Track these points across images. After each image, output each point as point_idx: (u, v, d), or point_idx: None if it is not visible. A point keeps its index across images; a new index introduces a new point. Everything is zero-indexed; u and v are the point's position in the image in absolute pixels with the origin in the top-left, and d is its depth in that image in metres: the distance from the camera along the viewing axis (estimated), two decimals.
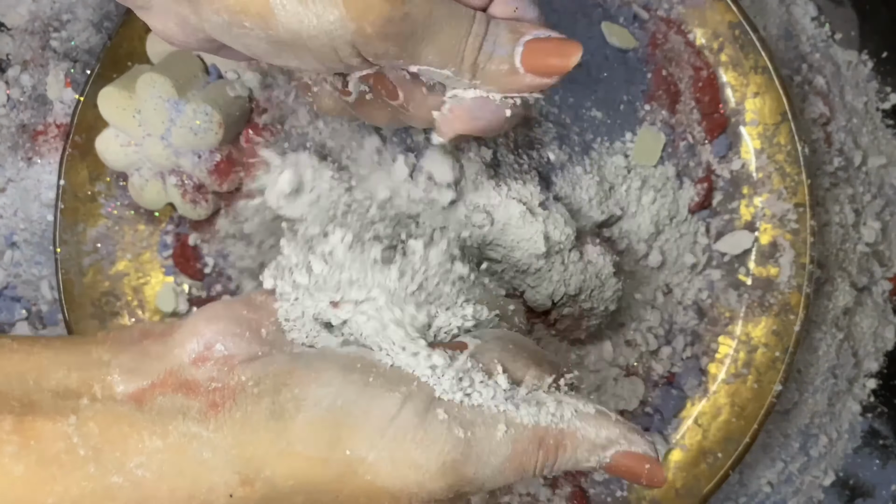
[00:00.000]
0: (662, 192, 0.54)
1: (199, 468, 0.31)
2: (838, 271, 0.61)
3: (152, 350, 0.34)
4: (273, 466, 0.31)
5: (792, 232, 0.54)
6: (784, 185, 0.54)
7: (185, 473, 0.31)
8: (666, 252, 0.55)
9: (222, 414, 0.31)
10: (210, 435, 0.31)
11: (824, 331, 0.61)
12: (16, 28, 0.61)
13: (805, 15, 0.62)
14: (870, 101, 0.63)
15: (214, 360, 0.33)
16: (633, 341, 0.55)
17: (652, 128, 0.55)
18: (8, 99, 0.60)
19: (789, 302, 0.54)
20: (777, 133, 0.54)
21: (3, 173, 0.60)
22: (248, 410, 0.31)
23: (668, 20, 0.55)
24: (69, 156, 0.54)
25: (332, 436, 0.31)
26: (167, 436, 0.31)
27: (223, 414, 0.31)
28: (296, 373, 0.32)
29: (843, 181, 0.61)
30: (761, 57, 0.53)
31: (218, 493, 0.31)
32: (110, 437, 0.31)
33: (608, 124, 0.54)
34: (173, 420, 0.31)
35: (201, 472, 0.31)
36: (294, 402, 0.31)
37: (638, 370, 0.55)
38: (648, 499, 0.55)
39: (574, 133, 0.53)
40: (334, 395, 0.32)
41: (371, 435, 0.31)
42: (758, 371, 0.54)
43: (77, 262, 0.55)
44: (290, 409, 0.31)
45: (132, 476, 0.31)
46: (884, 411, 0.63)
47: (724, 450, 0.54)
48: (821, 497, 0.62)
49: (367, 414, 0.31)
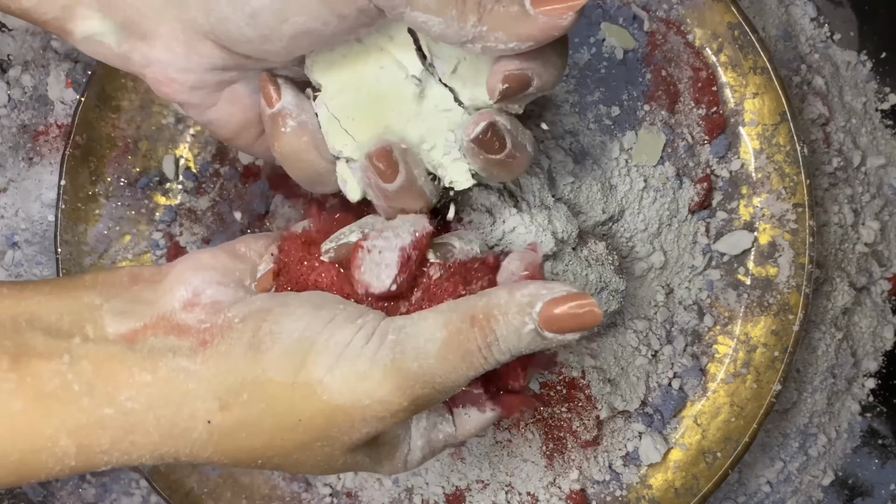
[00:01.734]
0: (662, 192, 0.54)
1: (183, 398, 0.33)
2: (837, 271, 0.61)
3: (143, 296, 0.36)
4: (249, 391, 0.34)
5: (791, 232, 0.54)
6: (783, 186, 0.55)
7: (171, 402, 0.33)
8: (666, 252, 0.55)
9: (210, 349, 0.34)
10: (197, 367, 0.34)
11: (823, 331, 0.61)
12: (17, 29, 0.61)
13: (804, 15, 0.62)
14: (869, 102, 0.63)
15: (202, 305, 0.35)
16: (634, 341, 0.55)
17: (652, 128, 0.55)
18: (9, 99, 0.60)
19: (788, 302, 0.54)
20: (776, 133, 0.54)
21: (5, 173, 0.61)
22: (233, 343, 0.34)
23: (668, 21, 0.55)
24: (70, 156, 0.54)
25: (299, 362, 0.34)
26: (157, 370, 0.34)
27: (211, 349, 0.34)
28: (274, 310, 0.35)
29: (841, 181, 0.61)
30: (760, 57, 0.54)
31: (198, 418, 0.34)
32: (102, 374, 0.33)
33: (608, 124, 0.54)
34: (163, 357, 0.34)
35: (185, 400, 0.33)
36: (270, 335, 0.34)
37: (638, 370, 0.55)
38: (648, 498, 0.55)
39: (574, 133, 0.53)
40: (304, 327, 0.34)
41: (328, 358, 0.34)
42: (757, 371, 0.55)
43: (78, 262, 0.55)
44: (266, 340, 0.34)
45: (122, 407, 0.33)
46: (883, 411, 0.63)
47: (724, 449, 0.54)
48: (820, 496, 0.62)
49: (328, 342, 0.34)
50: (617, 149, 0.54)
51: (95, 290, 0.36)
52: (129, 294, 0.36)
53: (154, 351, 0.34)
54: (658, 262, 0.55)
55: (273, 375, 0.34)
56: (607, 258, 0.51)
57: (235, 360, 0.34)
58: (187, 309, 0.35)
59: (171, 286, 0.36)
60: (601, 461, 0.55)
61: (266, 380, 0.34)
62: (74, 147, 0.54)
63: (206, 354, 0.34)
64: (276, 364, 0.34)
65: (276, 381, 0.34)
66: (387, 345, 0.34)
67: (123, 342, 0.34)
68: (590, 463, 0.55)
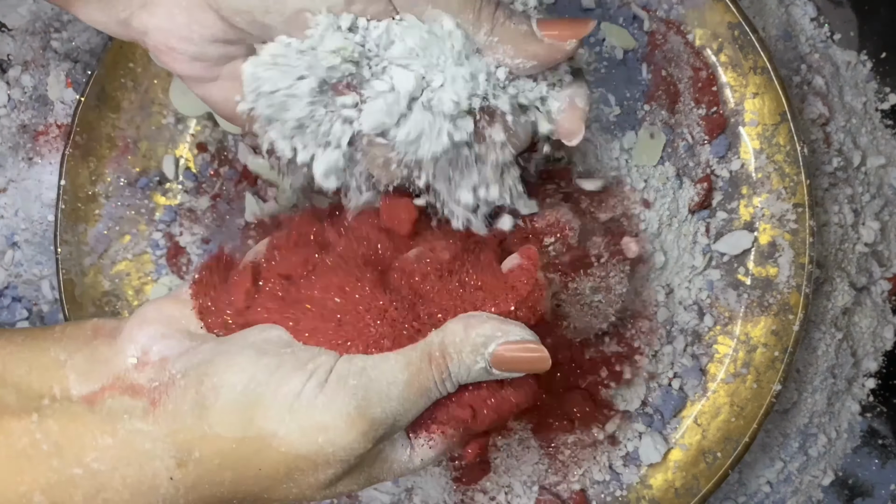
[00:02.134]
0: (662, 192, 0.55)
1: (143, 458, 0.35)
2: (837, 271, 0.61)
3: (101, 353, 0.37)
4: (200, 448, 0.34)
5: (791, 232, 0.54)
6: (783, 186, 0.55)
7: (133, 463, 0.34)
8: (666, 252, 0.55)
9: (159, 408, 0.35)
10: (150, 428, 0.35)
11: (823, 331, 0.61)
12: (17, 29, 0.61)
13: (804, 15, 0.62)
14: (869, 102, 0.63)
15: (152, 364, 0.36)
16: (634, 340, 0.55)
17: (652, 128, 0.55)
18: (9, 99, 0.60)
19: (788, 302, 0.54)
20: (776, 133, 0.54)
21: (5, 173, 0.61)
22: (178, 402, 0.35)
23: (668, 21, 0.55)
24: (70, 156, 0.54)
25: (246, 416, 0.34)
26: (116, 433, 0.35)
27: (159, 408, 0.35)
28: (215, 362, 0.35)
29: (842, 181, 0.61)
30: (760, 57, 0.54)
31: (161, 476, 0.35)
32: (68, 435, 0.35)
33: (608, 125, 0.54)
34: (120, 420, 0.35)
35: (145, 460, 0.35)
36: (213, 390, 0.34)
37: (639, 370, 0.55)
38: (648, 498, 0.55)
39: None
40: (248, 379, 0.34)
41: (279, 411, 0.34)
42: (757, 371, 0.55)
43: (78, 262, 0.55)
44: (210, 396, 0.34)
45: (90, 468, 0.34)
46: (883, 411, 0.63)
47: (724, 449, 0.54)
48: (820, 496, 0.62)
49: (276, 392, 0.34)
50: (617, 149, 0.54)
51: (62, 343, 0.37)
52: (89, 349, 0.37)
53: (112, 413, 0.35)
54: (658, 262, 0.55)
55: (221, 431, 0.34)
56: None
57: (183, 418, 0.34)
58: (139, 368, 0.36)
59: (122, 345, 0.37)
60: (601, 461, 0.55)
61: (214, 436, 0.34)
62: (74, 147, 0.54)
63: (156, 414, 0.35)
64: (223, 420, 0.34)
65: (225, 436, 0.34)
66: (348, 391, 0.34)
67: (85, 404, 0.35)
68: (590, 463, 0.55)
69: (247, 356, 0.35)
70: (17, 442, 0.34)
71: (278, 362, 0.35)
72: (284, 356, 0.35)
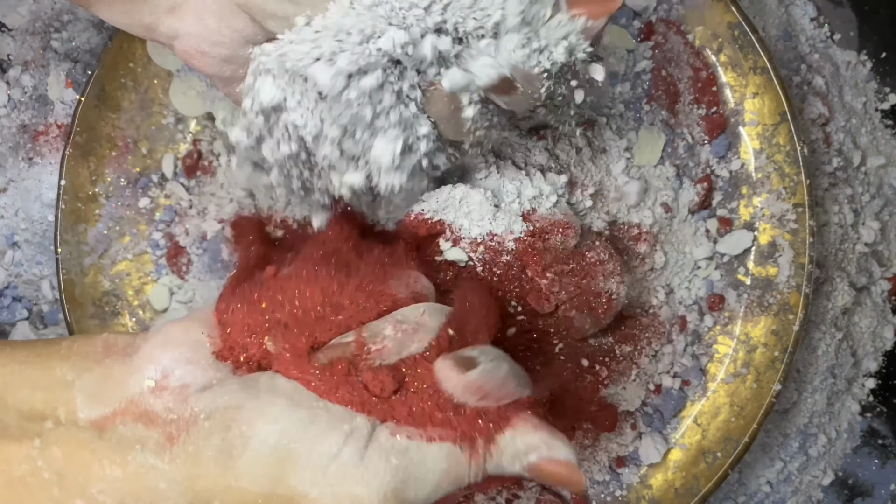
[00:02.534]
0: (663, 192, 0.54)
1: (154, 496, 0.32)
2: (837, 271, 0.61)
3: (114, 373, 0.34)
4: (221, 499, 0.32)
5: (791, 232, 0.54)
6: (783, 186, 0.55)
7: (142, 500, 0.32)
8: (666, 252, 0.55)
9: (177, 447, 0.32)
10: (165, 467, 0.32)
11: (823, 330, 0.61)
12: (17, 29, 0.61)
13: (804, 15, 0.62)
14: (869, 102, 0.63)
15: (171, 389, 0.34)
16: (634, 340, 0.55)
17: (652, 128, 0.55)
18: (9, 99, 0.60)
19: (788, 302, 0.54)
20: (776, 133, 0.54)
21: (5, 173, 0.61)
22: (200, 445, 0.32)
23: (668, 21, 0.55)
24: (70, 156, 0.54)
25: (276, 473, 0.32)
26: (126, 465, 0.32)
27: (178, 447, 0.32)
28: (244, 408, 0.33)
29: (841, 181, 0.61)
30: (760, 57, 0.54)
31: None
32: (73, 463, 0.32)
33: (608, 125, 0.54)
34: (132, 450, 0.32)
35: (156, 500, 0.32)
36: (242, 439, 0.32)
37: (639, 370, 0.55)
38: (648, 498, 0.55)
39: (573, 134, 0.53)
40: (280, 432, 0.33)
41: (313, 472, 0.32)
42: (757, 371, 0.55)
43: (78, 262, 0.55)
44: (237, 446, 0.32)
45: (94, 500, 0.32)
46: (883, 411, 0.63)
47: (724, 449, 0.54)
48: (820, 496, 0.62)
49: (311, 451, 0.32)
50: (617, 149, 0.54)
51: (69, 361, 0.34)
52: (100, 369, 0.34)
53: (123, 441, 0.33)
54: (658, 262, 0.55)
55: (247, 485, 0.32)
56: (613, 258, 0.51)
57: (206, 464, 0.32)
58: (156, 393, 0.34)
59: (140, 365, 0.34)
60: (601, 461, 0.55)
61: (240, 489, 0.32)
62: (74, 147, 0.54)
63: (174, 453, 0.32)
64: (250, 473, 0.32)
65: (251, 491, 0.32)
66: (389, 470, 0.33)
67: (94, 429, 0.33)
68: (590, 463, 0.55)
69: (279, 407, 0.33)
70: (16, 469, 0.32)
71: (312, 417, 0.33)
72: (318, 411, 0.33)
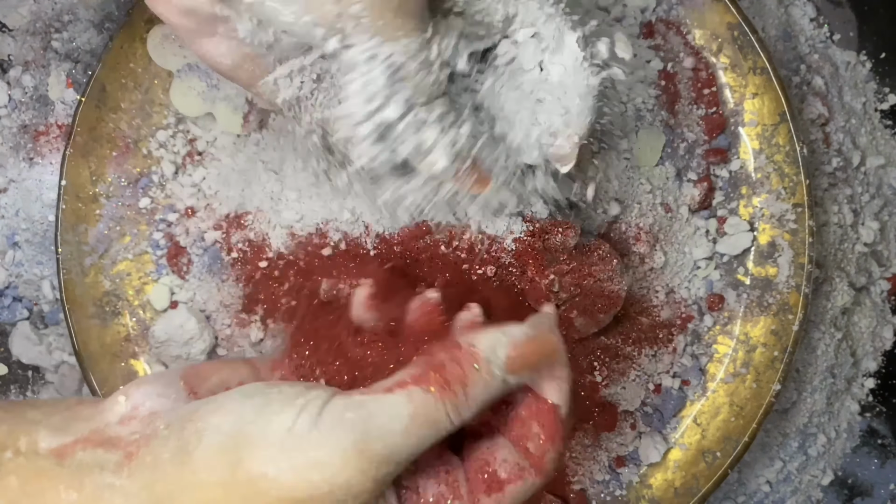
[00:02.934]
0: (663, 192, 0.55)
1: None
2: (837, 271, 0.61)
3: (82, 412, 0.34)
4: (181, 499, 0.31)
5: (790, 232, 0.54)
6: (783, 186, 0.55)
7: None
8: (666, 252, 0.55)
9: (135, 461, 0.32)
10: (123, 482, 0.32)
11: (823, 330, 0.61)
12: (17, 29, 0.61)
13: (804, 16, 0.63)
14: (868, 102, 0.63)
15: (139, 418, 0.34)
16: (634, 340, 0.55)
17: (652, 128, 0.55)
18: (9, 99, 0.60)
19: (788, 302, 0.54)
20: (776, 133, 0.55)
21: (5, 173, 0.61)
22: (157, 452, 0.32)
23: (668, 21, 0.55)
24: (70, 156, 0.54)
25: (232, 458, 0.31)
26: (83, 488, 0.31)
27: (136, 461, 0.32)
28: (201, 409, 0.33)
29: (841, 181, 0.61)
30: (760, 58, 0.54)
31: None
32: (28, 491, 0.32)
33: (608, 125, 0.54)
34: (90, 473, 0.32)
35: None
36: (196, 434, 0.32)
37: (639, 370, 0.55)
38: (648, 497, 0.55)
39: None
40: (234, 420, 0.32)
41: (269, 450, 0.31)
42: (756, 370, 0.55)
43: (78, 262, 0.55)
44: (192, 441, 0.32)
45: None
46: (882, 411, 0.63)
47: (723, 449, 0.54)
48: (819, 496, 0.62)
49: (265, 430, 0.31)
50: (617, 149, 0.54)
51: (40, 409, 0.34)
52: (69, 412, 0.34)
53: (82, 466, 0.32)
54: (658, 262, 0.55)
55: (206, 477, 0.31)
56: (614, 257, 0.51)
57: (162, 468, 0.31)
58: (124, 422, 0.34)
59: (109, 403, 0.34)
60: (601, 461, 0.56)
61: (198, 483, 0.31)
62: (75, 147, 0.54)
63: (131, 468, 0.32)
64: (207, 464, 0.31)
65: (210, 482, 0.31)
66: (345, 425, 0.31)
67: (53, 457, 0.32)
68: (590, 463, 0.55)
69: (233, 399, 0.33)
70: None
71: (266, 401, 0.32)
72: (271, 395, 0.32)
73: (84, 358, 0.54)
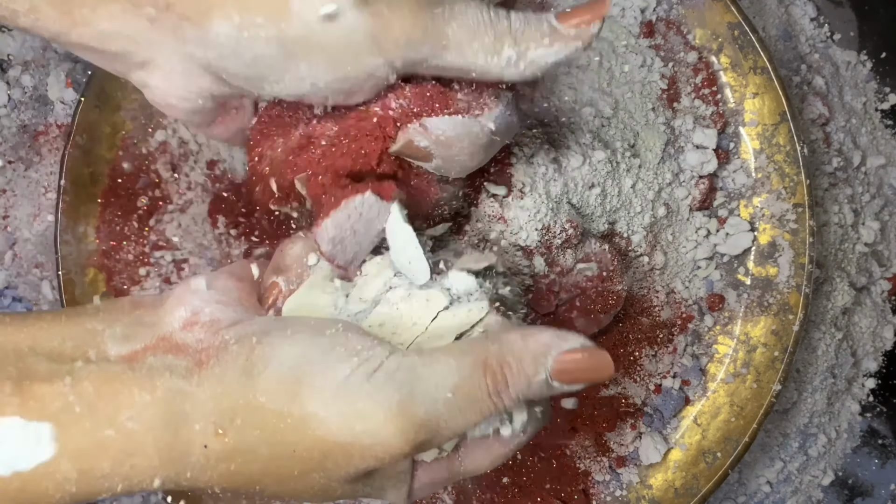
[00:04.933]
0: (663, 192, 0.55)
1: (180, 420, 0.33)
2: (837, 271, 0.61)
3: (144, 319, 0.36)
4: (242, 416, 0.33)
5: (791, 232, 0.54)
6: (783, 186, 0.55)
7: (169, 425, 0.33)
8: (666, 252, 0.55)
9: (205, 370, 0.33)
10: (193, 389, 0.33)
11: (823, 330, 0.61)
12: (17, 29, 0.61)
13: (804, 15, 0.63)
14: (868, 102, 0.63)
15: (201, 324, 0.35)
16: (634, 341, 0.55)
17: (652, 127, 0.55)
18: (9, 99, 0.60)
19: (788, 302, 0.54)
20: (776, 133, 0.55)
21: (5, 173, 0.61)
22: (227, 366, 0.33)
23: (668, 21, 0.55)
24: (70, 156, 0.54)
25: (292, 391, 0.33)
26: (154, 390, 0.33)
27: (206, 370, 0.33)
28: (271, 332, 0.34)
29: (841, 181, 0.61)
30: (760, 57, 0.54)
31: (195, 443, 0.33)
32: (103, 394, 0.33)
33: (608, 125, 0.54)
34: (161, 377, 0.33)
35: (182, 423, 0.33)
36: (263, 359, 0.33)
37: (639, 370, 0.55)
38: (648, 498, 0.55)
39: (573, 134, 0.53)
40: (299, 355, 0.33)
41: (324, 393, 0.33)
42: (757, 371, 0.55)
43: (78, 262, 0.55)
44: (259, 365, 0.33)
45: (123, 428, 0.33)
46: (882, 411, 0.63)
47: (724, 449, 0.54)
48: (820, 496, 0.62)
49: (324, 374, 0.33)
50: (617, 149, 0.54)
51: (98, 317, 0.35)
52: (130, 318, 0.36)
53: (153, 370, 0.33)
54: (658, 262, 0.55)
55: (265, 402, 0.33)
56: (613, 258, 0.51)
57: (229, 383, 0.33)
58: (187, 328, 0.35)
59: (171, 308, 0.36)
60: (601, 461, 0.56)
61: (258, 405, 0.33)
62: (74, 147, 0.54)
63: (201, 376, 0.33)
64: (268, 390, 0.33)
65: (268, 407, 0.33)
66: (393, 384, 0.33)
67: (124, 362, 0.34)
68: (590, 463, 0.55)
69: (302, 333, 0.34)
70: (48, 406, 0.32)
71: (331, 344, 0.34)
72: (337, 340, 0.34)
73: None
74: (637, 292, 0.55)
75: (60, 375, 0.33)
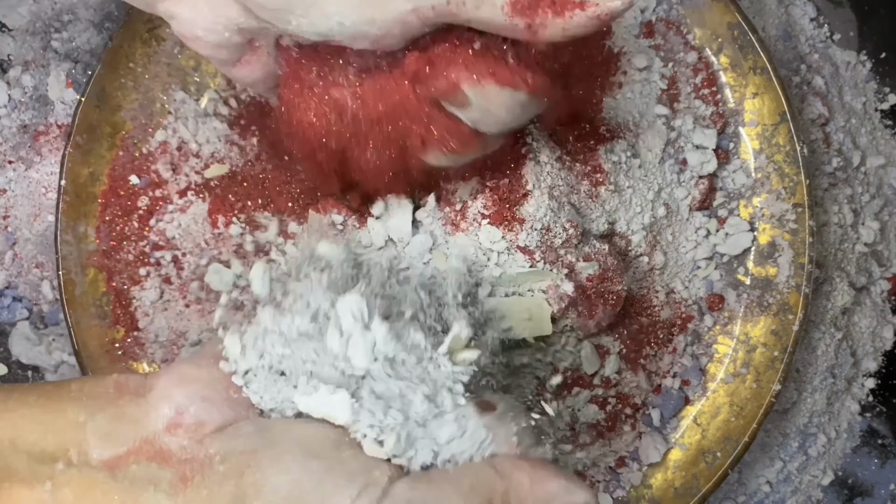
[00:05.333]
0: (663, 192, 0.55)
1: None
2: (837, 271, 0.61)
3: (127, 412, 0.34)
4: None
5: (791, 232, 0.54)
6: (783, 186, 0.55)
7: None
8: (666, 252, 0.55)
9: (190, 489, 0.32)
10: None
11: (823, 330, 0.61)
12: (17, 29, 0.61)
13: (804, 16, 0.63)
14: (868, 102, 0.63)
15: (186, 427, 0.34)
16: (634, 341, 0.55)
17: (653, 127, 0.55)
18: (9, 99, 0.60)
19: (788, 302, 0.54)
20: (776, 133, 0.55)
21: (5, 173, 0.61)
22: (214, 490, 0.32)
23: (668, 21, 0.55)
24: (70, 156, 0.54)
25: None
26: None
27: (191, 490, 0.32)
28: (258, 454, 0.33)
29: (841, 181, 0.61)
30: (760, 57, 0.54)
31: None
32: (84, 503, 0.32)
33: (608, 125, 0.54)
34: (145, 491, 0.32)
35: None
36: (254, 487, 0.32)
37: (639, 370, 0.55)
38: (648, 498, 0.55)
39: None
40: (292, 483, 0.32)
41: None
42: (757, 371, 0.55)
43: (78, 262, 0.55)
44: (250, 494, 0.32)
45: None
46: (882, 411, 0.63)
47: (723, 449, 0.54)
48: (819, 496, 0.62)
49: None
50: (618, 149, 0.54)
51: (80, 403, 0.34)
52: (113, 409, 0.34)
53: (136, 482, 0.32)
54: (658, 262, 0.55)
55: None
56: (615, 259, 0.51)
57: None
58: (171, 430, 0.34)
59: (155, 403, 0.34)
60: (601, 461, 0.56)
61: None
62: (74, 147, 0.54)
63: (186, 496, 0.32)
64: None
65: None
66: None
67: (106, 470, 0.33)
68: (590, 463, 0.55)
69: (293, 456, 0.33)
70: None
71: (327, 468, 0.32)
72: (333, 463, 0.32)
73: (84, 358, 0.54)
74: (637, 292, 0.55)
75: (41, 479, 0.32)
